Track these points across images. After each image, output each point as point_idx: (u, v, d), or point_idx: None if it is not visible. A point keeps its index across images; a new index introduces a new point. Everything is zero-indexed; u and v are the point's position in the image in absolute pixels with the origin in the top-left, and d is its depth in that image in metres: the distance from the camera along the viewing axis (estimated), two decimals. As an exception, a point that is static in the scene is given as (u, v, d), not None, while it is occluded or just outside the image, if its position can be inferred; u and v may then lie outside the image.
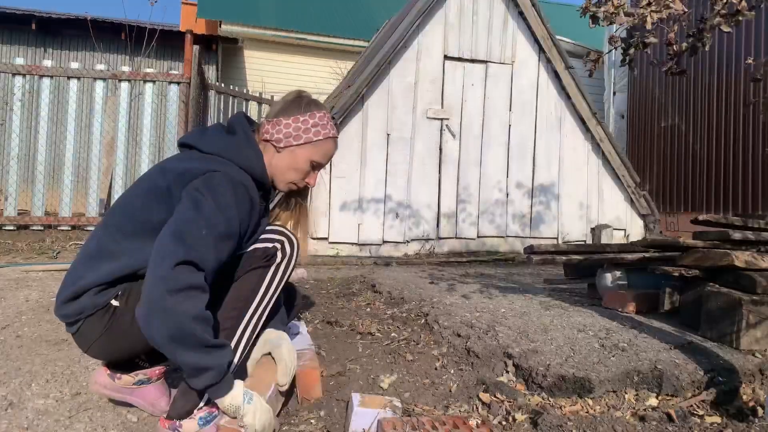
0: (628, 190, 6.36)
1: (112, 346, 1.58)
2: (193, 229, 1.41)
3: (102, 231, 1.58)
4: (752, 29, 6.82)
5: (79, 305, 1.53)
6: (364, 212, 5.48)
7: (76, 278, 1.54)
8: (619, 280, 2.89)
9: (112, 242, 1.55)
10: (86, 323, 1.54)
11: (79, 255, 1.60)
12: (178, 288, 1.34)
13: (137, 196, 1.58)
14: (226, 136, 1.65)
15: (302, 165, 1.72)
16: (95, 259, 1.55)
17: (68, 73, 6.13)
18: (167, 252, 1.37)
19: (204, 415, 1.53)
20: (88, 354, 1.64)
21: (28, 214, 6.06)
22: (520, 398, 1.85)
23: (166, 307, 1.32)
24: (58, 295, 1.58)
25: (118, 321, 1.53)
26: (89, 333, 1.55)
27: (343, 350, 2.33)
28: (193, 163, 1.54)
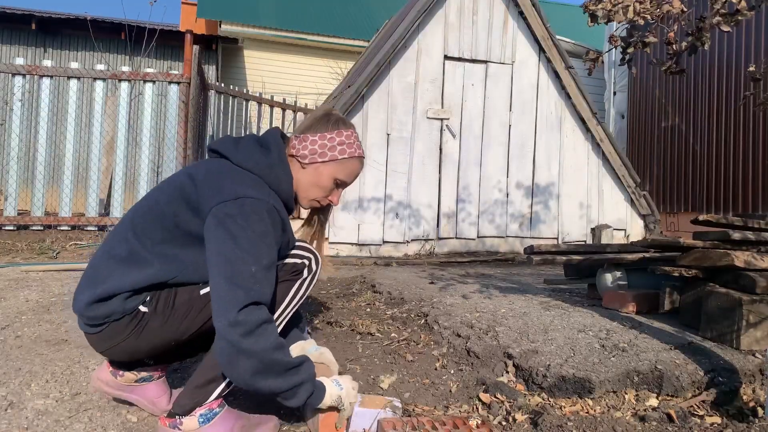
0: (629, 190, 6.36)
1: (132, 348, 1.58)
2: (243, 269, 1.42)
3: (131, 234, 1.57)
4: (752, 29, 6.82)
5: (108, 309, 1.52)
6: (364, 212, 5.47)
7: (101, 280, 1.53)
8: (619, 281, 2.89)
9: (142, 248, 1.54)
10: (112, 326, 1.54)
11: (103, 254, 1.59)
12: (250, 330, 1.37)
13: (167, 204, 1.56)
14: (260, 151, 1.63)
15: (326, 182, 1.70)
16: (125, 264, 1.54)
17: (68, 73, 6.13)
18: (228, 300, 1.39)
19: (204, 412, 1.53)
20: (103, 354, 1.64)
21: (28, 214, 6.06)
22: (520, 398, 1.85)
23: (246, 349, 1.36)
24: (79, 292, 1.56)
25: (146, 326, 1.54)
26: (113, 336, 1.55)
27: (343, 350, 2.33)
28: (225, 181, 1.53)
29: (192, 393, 1.54)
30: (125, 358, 1.66)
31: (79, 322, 1.61)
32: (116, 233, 1.61)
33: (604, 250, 3.09)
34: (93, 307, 1.53)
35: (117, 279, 1.52)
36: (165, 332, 1.56)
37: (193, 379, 1.56)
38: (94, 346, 1.62)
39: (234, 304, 1.38)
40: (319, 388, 1.51)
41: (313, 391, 1.49)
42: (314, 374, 1.52)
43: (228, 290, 1.40)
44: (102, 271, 1.55)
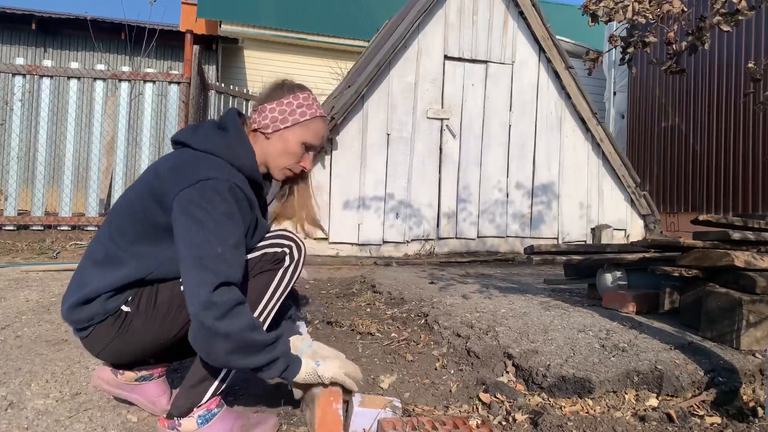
0: (629, 190, 6.36)
1: (122, 349, 1.60)
2: (210, 251, 1.42)
3: (106, 237, 1.58)
4: (752, 29, 6.81)
5: (90, 311, 1.53)
6: (364, 212, 5.47)
7: (83, 284, 1.55)
8: (619, 281, 2.89)
9: (117, 249, 1.55)
10: (97, 329, 1.55)
11: (85, 259, 1.60)
12: (223, 312, 1.37)
13: (136, 200, 1.57)
14: (218, 133, 1.62)
15: (294, 148, 1.68)
16: (102, 267, 1.55)
17: (68, 73, 6.13)
18: (198, 283, 1.39)
19: (203, 413, 1.54)
20: (98, 357, 1.65)
21: (28, 214, 6.06)
22: (520, 398, 1.85)
23: (221, 332, 1.36)
24: (65, 299, 1.58)
25: (130, 326, 1.55)
26: (100, 338, 1.56)
27: (343, 350, 2.32)
28: (185, 167, 1.52)
29: (187, 393, 1.54)
30: (121, 359, 1.66)
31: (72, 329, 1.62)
32: (96, 237, 1.62)
33: (604, 250, 3.09)
34: (75, 311, 1.54)
35: (96, 282, 1.53)
36: (150, 331, 1.56)
37: (187, 380, 1.56)
38: (88, 349, 1.63)
39: (204, 287, 1.38)
40: (295, 362, 1.53)
41: (289, 365, 1.50)
42: (289, 349, 1.53)
43: (197, 274, 1.40)
44: (84, 276, 1.56)
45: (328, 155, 5.35)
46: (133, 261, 1.53)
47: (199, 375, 1.54)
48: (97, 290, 1.52)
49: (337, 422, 1.57)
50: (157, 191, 1.52)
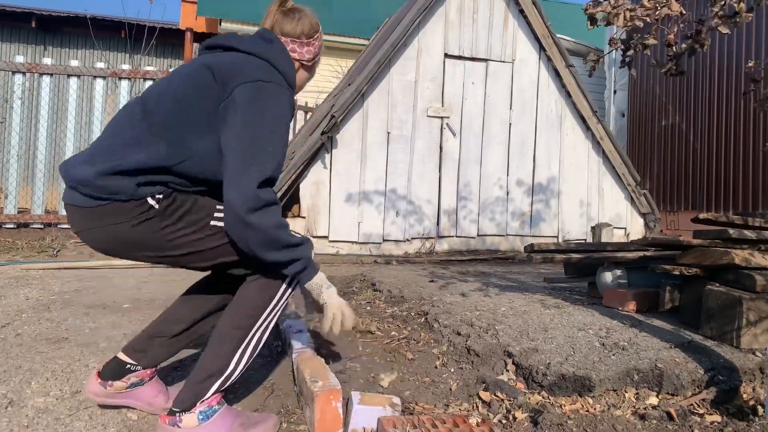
0: (629, 188, 6.35)
1: (114, 237, 1.54)
2: (261, 148, 1.50)
3: (138, 118, 1.56)
4: (753, 29, 6.81)
5: (119, 185, 1.48)
6: (364, 210, 5.47)
7: (112, 155, 1.51)
8: (619, 279, 2.89)
9: (149, 133, 1.53)
10: (115, 206, 1.49)
11: (109, 137, 1.57)
12: (259, 206, 1.46)
13: (181, 88, 1.57)
14: (264, 42, 1.68)
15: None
16: (131, 147, 1.52)
17: (68, 71, 6.13)
18: (244, 174, 1.47)
19: (204, 409, 1.55)
20: (80, 235, 1.57)
21: (28, 212, 6.06)
22: (521, 397, 1.85)
23: (251, 223, 1.46)
24: (87, 162, 1.52)
25: (145, 221, 1.51)
26: (109, 215, 1.50)
27: (343, 349, 2.33)
28: (243, 66, 1.57)
29: (192, 388, 1.55)
30: (109, 248, 1.58)
31: (68, 195, 1.54)
32: (122, 118, 1.60)
33: (604, 248, 3.09)
34: (104, 178, 1.49)
35: (129, 157, 1.50)
36: (158, 238, 1.54)
37: (192, 376, 1.57)
38: (77, 221, 1.55)
39: (251, 180, 1.46)
40: (312, 268, 1.65)
41: (306, 268, 1.62)
42: (310, 255, 1.64)
43: (245, 167, 1.47)
44: (113, 149, 1.53)
45: (329, 153, 5.35)
46: (165, 145, 1.52)
47: (207, 372, 1.55)
48: (130, 166, 1.49)
49: (336, 420, 1.57)
50: (211, 84, 1.55)
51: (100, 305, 3.03)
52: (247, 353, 1.61)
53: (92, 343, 2.37)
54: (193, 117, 1.54)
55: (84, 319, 2.74)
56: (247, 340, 1.61)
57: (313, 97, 10.22)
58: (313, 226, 5.30)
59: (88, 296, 3.24)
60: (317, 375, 1.72)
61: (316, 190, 5.33)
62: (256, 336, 1.62)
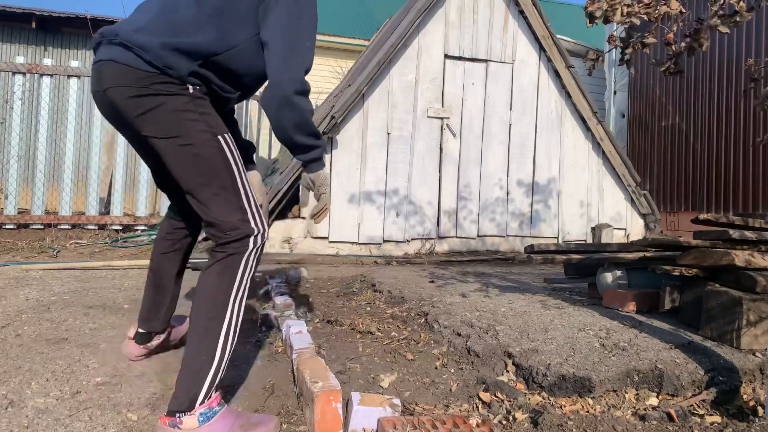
0: (629, 189, 6.35)
1: (144, 109, 1.64)
2: (303, 44, 1.73)
3: (193, 2, 1.71)
4: (753, 29, 6.81)
5: (177, 62, 1.63)
6: (364, 211, 5.47)
7: (178, 33, 1.66)
8: (619, 280, 2.89)
9: (202, 15, 1.70)
10: (162, 78, 1.63)
11: (172, 11, 1.71)
12: (302, 90, 1.71)
13: None
14: None
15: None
16: (191, 29, 1.68)
17: (68, 72, 6.14)
18: (294, 61, 1.71)
19: (204, 411, 1.56)
20: (109, 95, 1.67)
21: (29, 213, 6.06)
22: (521, 397, 1.85)
23: (295, 103, 1.69)
24: (146, 32, 1.65)
25: (176, 97, 1.65)
26: (153, 85, 1.63)
27: (343, 349, 2.33)
28: None
29: (184, 387, 1.57)
30: (125, 109, 1.67)
31: (118, 52, 1.64)
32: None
33: (604, 249, 3.09)
34: (167, 51, 1.62)
35: (189, 38, 1.66)
36: (176, 120, 1.65)
37: (181, 376, 1.59)
38: (115, 78, 1.65)
39: (298, 67, 1.71)
40: (323, 161, 1.91)
41: (320, 158, 1.88)
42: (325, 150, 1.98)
43: (293, 55, 1.71)
44: (176, 26, 1.67)
45: (328, 154, 5.35)
46: (216, 31, 1.70)
47: (194, 367, 1.58)
48: (191, 47, 1.65)
49: (336, 421, 1.57)
50: None
51: (100, 306, 3.03)
52: (229, 339, 1.65)
53: (92, 344, 2.37)
54: (240, 9, 1.72)
55: (84, 320, 2.74)
56: (225, 328, 1.63)
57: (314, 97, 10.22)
58: (314, 226, 5.30)
59: (88, 297, 3.24)
60: (317, 376, 1.72)
61: (316, 191, 5.32)
62: (232, 320, 1.65)
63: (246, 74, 1.80)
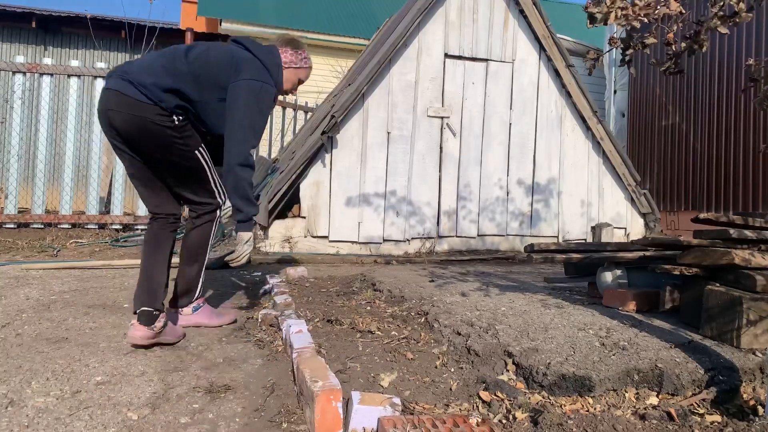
0: (629, 188, 6.35)
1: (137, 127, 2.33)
2: (256, 126, 2.47)
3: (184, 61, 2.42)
4: (753, 29, 6.80)
5: (165, 98, 2.33)
6: (364, 210, 5.47)
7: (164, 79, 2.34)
8: (619, 279, 2.89)
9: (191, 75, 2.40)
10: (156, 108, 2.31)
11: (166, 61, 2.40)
12: (245, 164, 2.43)
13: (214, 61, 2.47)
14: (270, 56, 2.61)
15: (294, 80, 2.78)
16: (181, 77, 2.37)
17: (68, 71, 6.13)
18: (246, 139, 2.44)
19: (195, 305, 2.68)
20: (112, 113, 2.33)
21: (29, 212, 6.06)
22: (521, 397, 1.85)
23: (236, 172, 2.42)
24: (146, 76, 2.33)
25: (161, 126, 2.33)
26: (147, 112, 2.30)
27: (343, 349, 2.33)
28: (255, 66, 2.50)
29: (184, 296, 2.66)
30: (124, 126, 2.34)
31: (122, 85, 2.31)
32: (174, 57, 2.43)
33: (605, 248, 3.09)
34: (158, 90, 2.31)
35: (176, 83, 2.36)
36: (165, 139, 2.36)
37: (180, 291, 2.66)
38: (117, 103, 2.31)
39: (244, 146, 2.43)
40: (249, 225, 2.53)
41: (248, 221, 2.51)
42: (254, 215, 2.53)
43: (243, 136, 2.42)
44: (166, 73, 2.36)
45: (329, 153, 5.35)
46: (196, 86, 2.41)
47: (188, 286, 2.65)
48: (175, 88, 2.34)
49: (336, 420, 1.57)
50: (232, 67, 2.46)
51: (100, 305, 3.03)
52: (203, 271, 2.69)
53: (92, 343, 2.37)
54: (214, 80, 2.44)
55: (84, 319, 2.74)
56: (205, 260, 2.67)
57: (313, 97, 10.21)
58: (314, 226, 5.30)
59: (88, 296, 3.24)
60: (317, 375, 1.72)
61: (317, 191, 5.33)
62: (204, 260, 2.68)
63: (211, 124, 2.49)
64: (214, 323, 2.71)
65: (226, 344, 2.46)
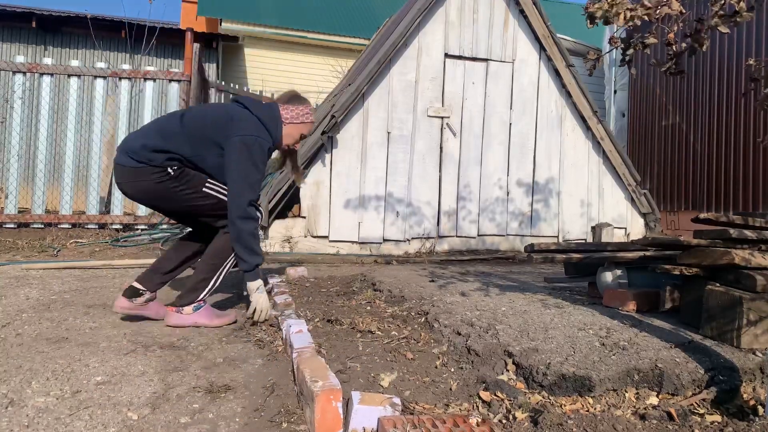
0: (629, 188, 6.35)
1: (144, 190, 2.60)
2: (252, 178, 2.57)
3: (179, 123, 2.62)
4: (753, 28, 6.80)
5: (154, 157, 2.52)
6: (364, 210, 5.47)
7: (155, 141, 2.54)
8: (619, 279, 2.89)
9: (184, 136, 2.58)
10: (148, 167, 2.53)
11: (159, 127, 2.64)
12: (245, 216, 2.55)
13: (210, 119, 2.65)
14: (268, 112, 2.73)
15: (296, 135, 2.85)
16: (172, 138, 2.56)
17: (68, 71, 6.13)
18: (241, 193, 2.54)
19: (196, 305, 2.68)
20: (120, 185, 2.63)
21: (29, 212, 6.06)
22: (521, 397, 1.85)
23: (237, 224, 2.55)
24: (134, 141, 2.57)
25: (163, 181, 2.55)
26: (143, 174, 2.53)
27: (343, 349, 2.33)
28: (248, 123, 2.61)
29: (188, 294, 2.67)
30: (138, 196, 2.67)
31: (120, 157, 2.57)
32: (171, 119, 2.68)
33: (605, 248, 3.09)
34: (145, 150, 2.52)
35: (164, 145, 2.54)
36: (173, 195, 2.59)
37: (188, 288, 2.68)
38: (122, 177, 2.59)
39: (243, 200, 2.53)
40: (255, 274, 2.63)
41: (252, 270, 2.62)
42: (258, 265, 2.63)
43: (241, 190, 2.54)
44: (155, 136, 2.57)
45: (329, 153, 5.35)
46: (189, 146, 2.58)
47: (196, 285, 2.67)
48: (164, 148, 2.53)
49: (336, 420, 1.57)
50: (225, 125, 2.60)
51: (100, 305, 3.04)
52: (221, 276, 2.73)
53: (92, 343, 2.37)
54: (210, 138, 2.60)
55: (84, 319, 2.74)
56: (221, 269, 2.72)
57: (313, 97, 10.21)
58: (314, 226, 5.30)
59: (88, 296, 3.24)
60: (317, 375, 1.72)
61: (317, 190, 5.33)
62: (226, 266, 2.73)
63: (210, 173, 2.66)
64: (214, 323, 2.71)
65: (226, 344, 2.46)
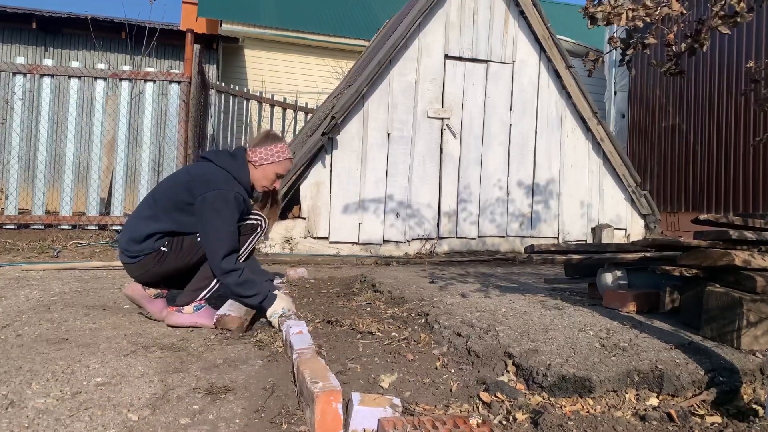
0: (629, 189, 6.35)
1: (155, 273, 2.71)
2: (222, 233, 2.61)
3: (152, 203, 2.71)
4: (753, 28, 6.81)
5: (143, 246, 2.65)
6: (364, 212, 5.47)
7: (137, 231, 2.65)
8: (619, 280, 2.89)
9: (159, 212, 2.67)
10: (145, 258, 2.66)
11: (135, 217, 2.73)
12: (226, 271, 2.60)
13: (174, 187, 2.71)
14: (231, 159, 2.77)
15: (270, 176, 2.85)
16: (150, 221, 2.66)
17: (69, 72, 6.14)
18: (215, 250, 2.59)
19: (196, 305, 2.70)
20: (137, 279, 2.75)
21: (29, 213, 6.06)
22: (521, 398, 1.85)
23: (226, 280, 2.61)
24: (122, 238, 2.71)
25: (165, 259, 2.68)
26: (144, 265, 2.68)
27: (343, 350, 2.33)
28: (209, 177, 2.65)
29: (188, 294, 2.71)
30: (150, 281, 2.74)
31: (121, 257, 2.73)
32: (144, 203, 2.77)
33: (605, 249, 3.09)
34: (132, 244, 2.65)
35: (145, 229, 2.64)
36: (175, 262, 2.70)
37: (189, 287, 2.72)
38: (131, 273, 2.74)
39: (219, 253, 2.58)
40: (270, 300, 2.64)
41: (265, 299, 2.63)
42: (268, 290, 2.66)
43: (215, 245, 2.59)
44: (137, 227, 2.67)
45: (329, 154, 5.35)
46: (168, 220, 2.67)
47: (197, 286, 2.72)
48: (148, 233, 2.63)
49: (337, 421, 1.57)
50: (189, 186, 2.65)
51: (100, 306, 3.04)
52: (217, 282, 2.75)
53: (93, 344, 2.37)
54: (182, 202, 2.66)
55: (84, 320, 2.74)
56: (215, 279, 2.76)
57: (313, 98, 10.22)
58: (314, 227, 5.30)
59: (88, 297, 3.24)
60: (317, 376, 1.72)
61: (317, 191, 5.33)
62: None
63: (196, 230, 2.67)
64: (214, 324, 2.71)
65: (226, 345, 2.46)
